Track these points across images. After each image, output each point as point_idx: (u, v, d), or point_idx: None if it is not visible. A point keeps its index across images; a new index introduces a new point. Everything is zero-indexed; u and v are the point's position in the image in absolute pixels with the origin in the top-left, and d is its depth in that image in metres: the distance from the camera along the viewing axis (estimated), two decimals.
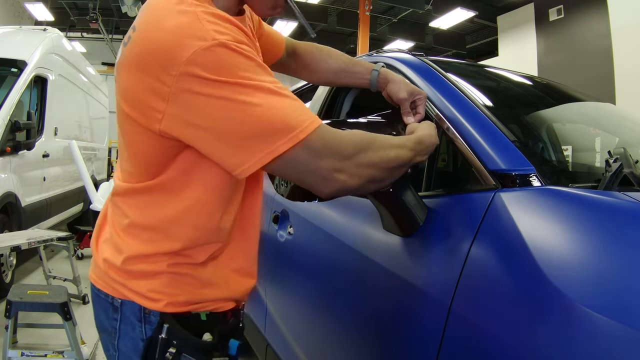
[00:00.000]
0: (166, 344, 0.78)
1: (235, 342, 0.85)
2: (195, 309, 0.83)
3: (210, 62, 0.66)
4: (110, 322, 0.84)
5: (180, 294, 0.81)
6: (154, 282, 0.80)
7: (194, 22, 0.68)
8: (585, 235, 0.76)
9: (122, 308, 0.82)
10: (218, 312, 0.85)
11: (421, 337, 0.93)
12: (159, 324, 0.80)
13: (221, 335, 0.83)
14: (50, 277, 3.63)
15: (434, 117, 1.16)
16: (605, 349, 0.62)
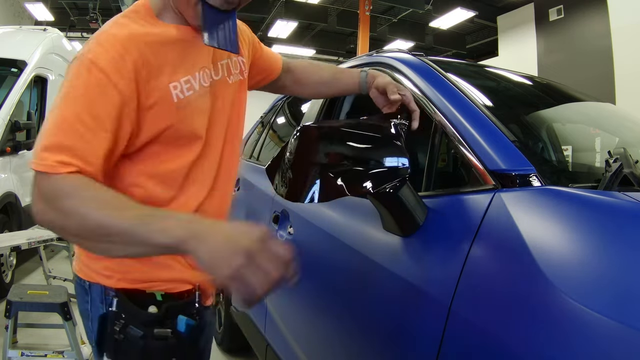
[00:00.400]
0: (115, 316, 0.84)
1: (183, 318, 0.86)
2: (149, 287, 0.88)
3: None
4: (84, 305, 0.92)
5: (132, 272, 0.87)
6: (109, 262, 0.87)
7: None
8: (585, 235, 0.76)
9: (90, 290, 0.89)
10: (173, 292, 0.89)
11: (421, 337, 0.93)
12: (111, 299, 0.86)
13: (169, 310, 0.86)
14: (50, 277, 3.62)
15: (434, 117, 1.16)
16: (605, 349, 0.62)
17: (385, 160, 0.89)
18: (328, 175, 0.86)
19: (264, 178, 2.22)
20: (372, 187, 0.87)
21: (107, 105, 0.75)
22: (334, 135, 0.88)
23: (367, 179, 0.87)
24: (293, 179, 0.87)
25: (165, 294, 0.89)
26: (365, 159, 0.88)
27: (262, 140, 2.72)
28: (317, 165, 0.86)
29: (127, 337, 0.83)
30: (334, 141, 0.88)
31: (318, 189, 0.85)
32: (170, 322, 0.85)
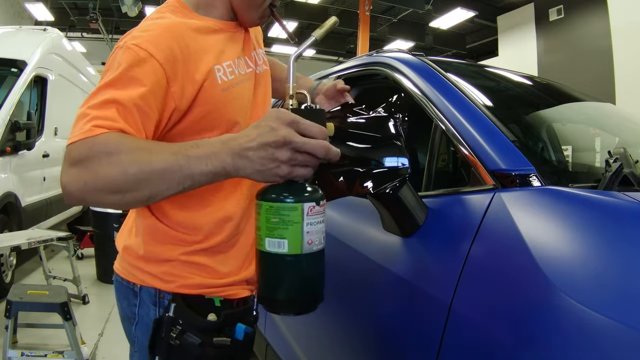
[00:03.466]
0: (172, 322, 0.83)
1: (241, 327, 0.86)
2: (209, 293, 0.87)
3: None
4: (130, 308, 0.90)
5: (193, 277, 0.86)
6: (171, 267, 0.86)
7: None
8: (585, 235, 0.76)
9: (140, 293, 0.88)
10: (232, 299, 0.90)
11: (421, 336, 0.93)
12: (169, 304, 0.85)
13: (227, 318, 0.86)
14: (50, 277, 3.63)
15: (434, 117, 1.16)
16: (605, 349, 0.62)
17: (385, 160, 0.89)
18: (328, 175, 0.86)
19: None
20: (372, 187, 0.87)
21: (152, 83, 0.75)
22: (335, 134, 0.88)
23: (367, 179, 0.87)
24: None
25: (225, 300, 0.89)
26: (366, 159, 0.88)
27: None
28: None
29: (184, 343, 0.82)
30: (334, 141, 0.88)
31: None
32: (229, 330, 0.85)
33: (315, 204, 0.67)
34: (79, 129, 0.70)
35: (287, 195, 0.66)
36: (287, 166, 0.65)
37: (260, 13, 0.93)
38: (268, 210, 0.66)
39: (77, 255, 4.71)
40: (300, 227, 0.65)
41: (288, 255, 0.66)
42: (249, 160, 0.66)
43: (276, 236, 0.65)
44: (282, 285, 0.68)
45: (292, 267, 0.67)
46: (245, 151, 0.66)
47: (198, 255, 0.87)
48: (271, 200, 0.66)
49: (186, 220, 0.86)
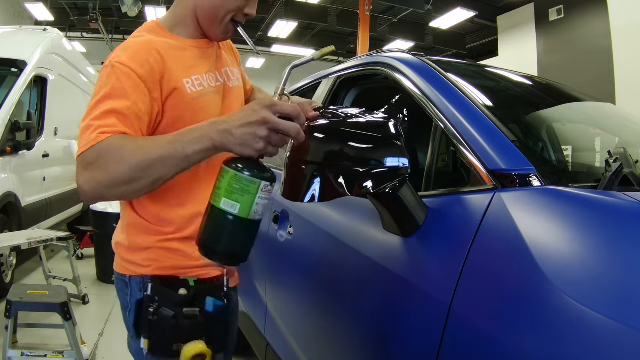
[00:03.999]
0: (149, 300, 0.95)
1: (211, 300, 0.96)
2: (182, 273, 1.00)
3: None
4: (124, 297, 1.04)
5: (167, 260, 1.00)
6: (147, 253, 1.00)
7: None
8: (585, 235, 0.76)
9: (130, 283, 1.02)
10: (204, 277, 1.02)
11: (421, 337, 0.93)
12: (148, 285, 0.97)
13: (197, 292, 0.97)
14: (50, 277, 3.63)
15: (434, 117, 1.16)
16: (605, 349, 0.62)
17: (385, 160, 0.89)
18: (328, 175, 0.86)
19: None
20: (372, 187, 0.87)
21: (138, 93, 0.90)
22: (334, 135, 0.88)
23: (367, 179, 0.87)
24: (293, 179, 0.87)
25: (198, 279, 1.01)
26: (366, 159, 0.88)
27: None
28: (316, 164, 0.86)
29: (160, 317, 0.93)
30: (334, 141, 0.88)
31: (318, 189, 0.85)
32: (200, 304, 0.95)
33: (269, 185, 0.81)
34: (87, 139, 0.83)
35: (251, 171, 0.80)
36: (263, 142, 0.79)
37: (223, 28, 1.04)
38: (233, 177, 0.79)
39: (77, 255, 4.71)
40: (254, 198, 0.80)
41: (236, 216, 0.79)
42: (232, 137, 0.80)
43: (232, 199, 0.79)
44: (221, 237, 0.82)
45: (235, 226, 0.80)
46: (230, 129, 0.80)
47: (172, 242, 1.00)
48: (238, 170, 0.79)
49: (162, 215, 1.00)
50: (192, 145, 0.81)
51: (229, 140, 0.80)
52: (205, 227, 0.83)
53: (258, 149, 0.79)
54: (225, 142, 0.80)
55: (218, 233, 0.82)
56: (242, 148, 0.80)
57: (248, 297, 2.18)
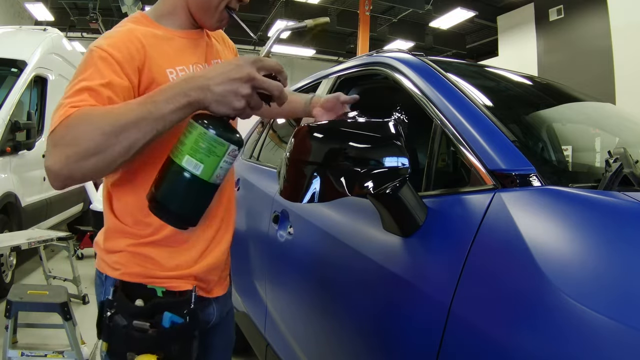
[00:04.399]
0: (109, 304, 0.91)
1: (168, 315, 0.91)
2: (149, 282, 0.95)
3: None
4: (99, 295, 1.00)
5: (135, 267, 0.95)
6: (117, 257, 0.96)
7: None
8: (585, 235, 0.76)
9: (105, 282, 0.98)
10: (174, 290, 0.96)
11: (421, 337, 0.93)
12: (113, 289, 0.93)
13: (155, 305, 0.92)
14: (50, 277, 3.63)
15: (434, 117, 1.16)
16: (605, 349, 0.62)
17: (385, 160, 0.89)
18: (328, 176, 0.86)
19: (264, 178, 2.22)
20: (372, 187, 0.87)
21: (114, 76, 0.84)
22: (334, 135, 0.88)
23: (367, 179, 0.87)
24: (293, 179, 0.87)
25: (167, 291, 0.95)
26: (365, 159, 0.88)
27: (262, 140, 2.72)
28: (316, 165, 0.86)
29: (114, 324, 0.90)
30: (334, 141, 0.88)
31: (318, 189, 0.85)
32: (158, 317, 0.90)
33: (237, 149, 0.77)
34: (57, 117, 0.77)
35: (221, 131, 0.75)
36: (244, 101, 0.75)
37: (217, 17, 0.99)
38: (201, 134, 0.75)
39: (77, 255, 4.71)
40: (219, 160, 0.76)
41: (197, 177, 0.75)
42: (211, 93, 0.74)
43: (197, 159, 0.75)
44: (177, 196, 0.77)
45: (194, 187, 0.76)
46: (209, 85, 0.75)
47: (145, 248, 0.95)
48: (207, 128, 0.75)
49: (139, 217, 0.95)
50: (167, 104, 0.74)
51: (206, 97, 0.75)
52: (160, 181, 0.78)
53: (237, 108, 0.75)
54: (203, 98, 0.75)
55: (174, 191, 0.77)
56: (220, 106, 0.75)
57: (248, 297, 2.18)
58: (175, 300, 0.95)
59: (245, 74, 0.75)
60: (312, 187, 0.85)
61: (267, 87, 0.76)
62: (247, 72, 0.75)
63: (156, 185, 0.79)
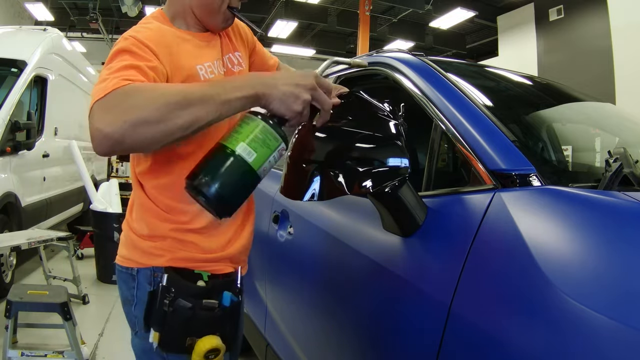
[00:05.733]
0: (165, 290, 0.91)
1: (228, 294, 0.95)
2: (196, 267, 0.97)
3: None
4: (130, 291, 1.00)
5: (181, 252, 0.96)
6: (159, 242, 0.96)
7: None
8: (585, 235, 0.76)
9: (138, 276, 0.98)
10: (218, 273, 0.99)
11: (421, 337, 0.93)
12: (162, 275, 0.94)
13: (215, 285, 0.96)
14: (50, 277, 3.62)
15: (434, 117, 1.16)
16: (605, 349, 0.62)
17: (385, 159, 0.89)
18: (328, 174, 0.86)
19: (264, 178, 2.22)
20: (372, 186, 0.87)
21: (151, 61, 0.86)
22: (335, 134, 0.88)
23: (367, 178, 0.87)
24: (293, 177, 0.87)
25: (212, 274, 0.98)
26: (366, 159, 0.88)
27: None
28: (317, 164, 0.86)
29: (177, 308, 0.90)
30: (335, 140, 0.88)
31: (318, 188, 0.85)
32: (217, 297, 0.94)
33: (285, 148, 0.82)
34: (105, 87, 0.76)
35: (278, 127, 0.81)
36: (302, 106, 0.81)
37: (222, 17, 1.02)
38: (261, 127, 0.79)
39: (77, 255, 4.71)
40: (270, 154, 0.80)
41: (248, 164, 0.77)
42: (277, 90, 0.80)
43: (251, 147, 0.78)
44: (222, 178, 0.78)
45: (241, 174, 0.78)
46: (276, 83, 0.80)
47: (186, 234, 0.97)
48: (266, 121, 0.80)
49: (173, 205, 0.97)
50: (234, 91, 0.78)
51: (272, 93, 0.79)
52: (207, 162, 0.80)
53: (294, 111, 0.80)
54: (269, 94, 0.79)
55: (220, 173, 0.78)
56: (281, 105, 0.80)
57: (248, 297, 2.18)
58: (229, 280, 0.99)
59: (309, 82, 0.81)
60: (313, 185, 0.85)
61: (322, 100, 0.82)
62: (311, 82, 0.81)
63: (201, 166, 0.79)
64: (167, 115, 0.74)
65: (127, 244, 1.01)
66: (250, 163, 0.77)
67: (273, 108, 0.80)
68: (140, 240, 0.98)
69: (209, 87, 0.80)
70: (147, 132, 0.73)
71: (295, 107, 0.80)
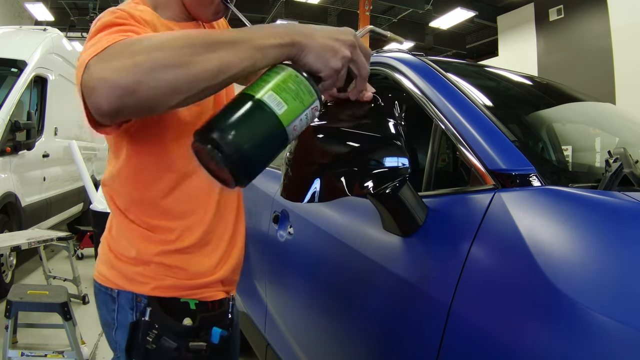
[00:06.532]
0: (148, 326, 0.83)
1: (217, 330, 0.86)
2: (183, 295, 0.87)
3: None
4: (110, 313, 0.90)
5: (167, 279, 0.86)
6: (144, 268, 0.86)
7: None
8: (585, 235, 0.76)
9: (118, 298, 0.88)
10: (207, 301, 0.90)
11: (421, 337, 0.93)
12: (144, 307, 0.85)
13: (203, 321, 0.86)
14: (50, 277, 3.62)
15: (434, 117, 1.16)
16: (606, 349, 0.62)
17: (385, 160, 0.89)
18: (328, 175, 0.86)
19: (264, 178, 2.22)
20: (372, 187, 0.87)
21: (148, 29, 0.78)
22: (334, 134, 0.88)
23: (367, 179, 0.87)
24: (293, 179, 0.87)
25: (200, 302, 0.89)
26: (366, 159, 0.88)
27: None
28: (317, 165, 0.86)
29: (160, 347, 0.82)
30: (334, 141, 0.88)
31: (318, 189, 0.85)
32: (205, 334, 0.86)
33: (318, 108, 0.69)
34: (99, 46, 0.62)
35: (312, 80, 0.68)
36: (341, 62, 0.69)
37: (213, 9, 0.94)
38: (292, 75, 0.66)
39: (77, 255, 4.71)
40: (303, 109, 0.66)
41: (277, 116, 0.63)
42: (314, 41, 0.68)
43: (282, 97, 0.64)
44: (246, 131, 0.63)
45: (269, 127, 0.64)
46: (314, 34, 0.69)
47: (171, 257, 0.87)
48: (300, 72, 0.67)
49: (159, 222, 0.88)
50: (269, 37, 0.65)
51: (309, 43, 0.67)
52: (225, 112, 0.64)
53: (332, 67, 0.69)
54: (305, 44, 0.67)
55: (242, 123, 0.63)
56: (317, 59, 0.68)
57: (248, 297, 2.18)
58: (218, 313, 0.90)
59: (350, 38, 0.70)
60: (313, 187, 0.85)
61: (361, 62, 0.72)
62: (352, 38, 0.71)
63: (219, 116, 0.64)
64: (190, 58, 0.60)
65: (106, 262, 0.91)
66: (279, 116, 0.63)
67: (308, 61, 0.68)
68: (120, 263, 0.88)
69: (238, 31, 0.66)
70: (166, 77, 0.59)
71: (334, 62, 0.68)
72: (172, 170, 0.88)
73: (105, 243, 0.93)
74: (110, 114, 0.62)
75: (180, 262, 0.88)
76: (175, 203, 0.89)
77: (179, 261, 0.88)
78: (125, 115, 0.64)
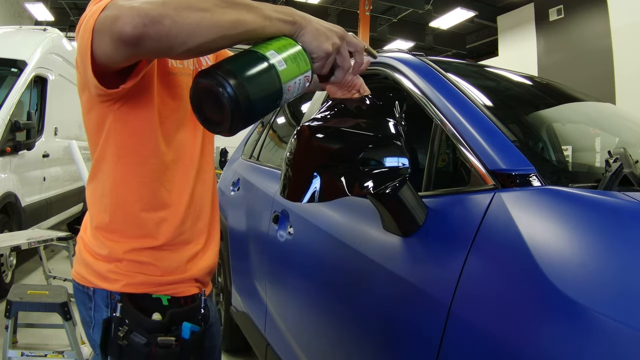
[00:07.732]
0: (119, 322, 0.84)
1: (187, 325, 0.87)
2: (155, 291, 0.89)
3: None
4: (87, 312, 0.91)
5: (138, 276, 0.88)
6: (115, 265, 0.88)
7: None
8: (585, 235, 0.76)
9: (95, 297, 0.89)
10: (179, 296, 0.91)
11: (421, 337, 0.93)
12: (116, 304, 0.86)
13: (174, 316, 0.87)
14: (50, 277, 3.62)
15: (434, 117, 1.16)
16: (606, 349, 0.62)
17: (385, 160, 0.89)
18: (328, 175, 0.86)
19: (264, 178, 2.22)
20: (372, 187, 0.87)
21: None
22: (334, 134, 0.88)
23: (367, 179, 0.87)
24: (293, 179, 0.87)
25: (172, 298, 0.90)
26: (366, 159, 0.88)
27: (262, 140, 2.72)
28: (316, 165, 0.86)
29: (131, 343, 0.83)
30: (334, 141, 0.88)
31: (318, 189, 0.85)
32: (175, 329, 0.86)
33: (310, 79, 0.78)
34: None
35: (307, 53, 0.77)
36: (332, 47, 0.77)
37: None
38: (293, 43, 0.75)
39: None
40: (298, 74, 0.74)
41: (277, 71, 0.71)
42: (310, 25, 0.77)
43: (283, 58, 0.72)
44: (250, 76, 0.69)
45: (269, 81, 0.71)
46: (311, 20, 0.78)
47: (143, 254, 0.89)
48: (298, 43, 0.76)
49: (129, 219, 0.89)
50: (275, 12, 0.74)
51: (307, 26, 0.76)
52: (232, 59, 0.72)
53: (324, 50, 0.76)
54: (304, 25, 0.76)
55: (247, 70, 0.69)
56: (313, 39, 0.76)
57: (248, 297, 2.18)
58: (189, 308, 0.91)
59: (340, 30, 0.79)
60: (313, 186, 0.85)
61: (345, 54, 0.79)
62: (342, 31, 0.80)
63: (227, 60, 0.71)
64: (213, 7, 0.67)
65: (82, 261, 0.93)
66: (279, 71, 0.71)
67: (305, 40, 0.76)
68: (94, 261, 0.90)
69: (252, 2, 0.73)
70: (191, 16, 0.65)
71: (326, 46, 0.76)
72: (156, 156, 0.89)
73: (80, 242, 0.95)
74: (131, 41, 0.65)
75: (151, 259, 0.89)
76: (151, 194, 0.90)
77: (150, 257, 0.89)
78: (143, 48, 0.66)
